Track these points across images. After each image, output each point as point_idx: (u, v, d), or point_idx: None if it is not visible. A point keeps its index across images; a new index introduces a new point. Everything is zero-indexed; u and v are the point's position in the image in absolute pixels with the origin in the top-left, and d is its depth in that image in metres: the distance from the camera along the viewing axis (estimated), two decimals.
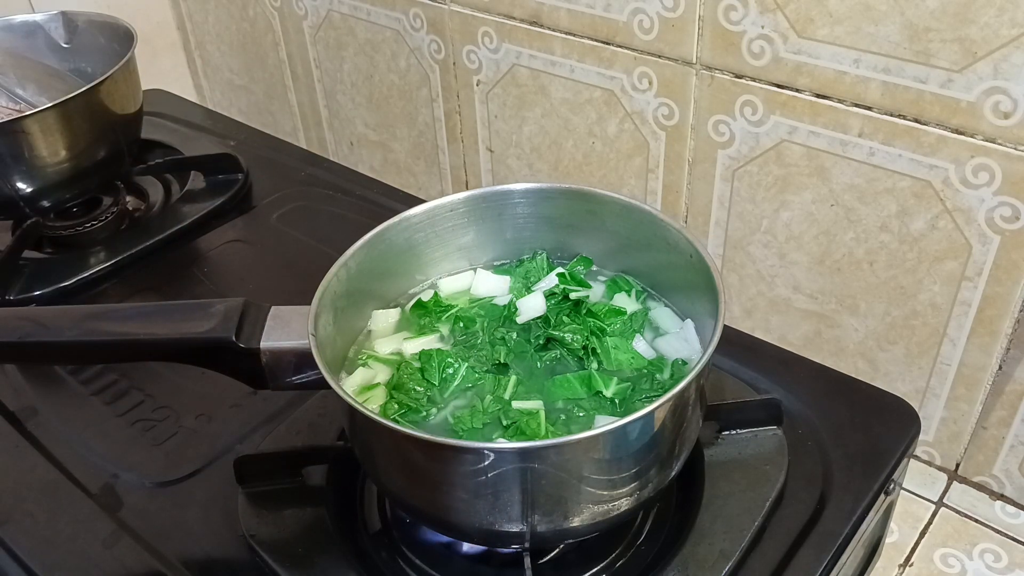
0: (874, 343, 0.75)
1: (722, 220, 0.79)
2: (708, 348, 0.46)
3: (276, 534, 0.55)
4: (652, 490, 0.50)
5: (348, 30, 1.02)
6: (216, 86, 1.31)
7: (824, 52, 0.65)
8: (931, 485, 0.76)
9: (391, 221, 0.58)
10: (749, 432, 0.59)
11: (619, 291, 0.60)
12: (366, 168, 1.13)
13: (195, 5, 1.23)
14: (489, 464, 0.44)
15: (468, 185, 1.02)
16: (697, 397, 0.50)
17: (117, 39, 0.90)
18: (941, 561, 0.70)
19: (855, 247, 0.72)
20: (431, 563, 0.55)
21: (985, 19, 0.58)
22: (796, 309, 0.79)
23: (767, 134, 0.72)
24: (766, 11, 0.67)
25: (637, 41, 0.76)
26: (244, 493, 0.57)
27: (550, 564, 0.54)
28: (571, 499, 0.47)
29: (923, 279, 0.69)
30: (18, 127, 0.78)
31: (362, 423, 0.48)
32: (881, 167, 0.67)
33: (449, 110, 0.97)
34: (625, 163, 0.84)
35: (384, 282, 0.60)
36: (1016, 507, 0.74)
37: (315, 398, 0.63)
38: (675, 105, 0.76)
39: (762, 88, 0.70)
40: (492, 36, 0.87)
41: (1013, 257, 0.64)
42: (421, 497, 0.51)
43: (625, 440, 0.46)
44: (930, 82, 0.62)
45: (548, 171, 0.91)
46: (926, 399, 0.74)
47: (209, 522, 0.58)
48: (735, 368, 0.64)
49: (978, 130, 0.61)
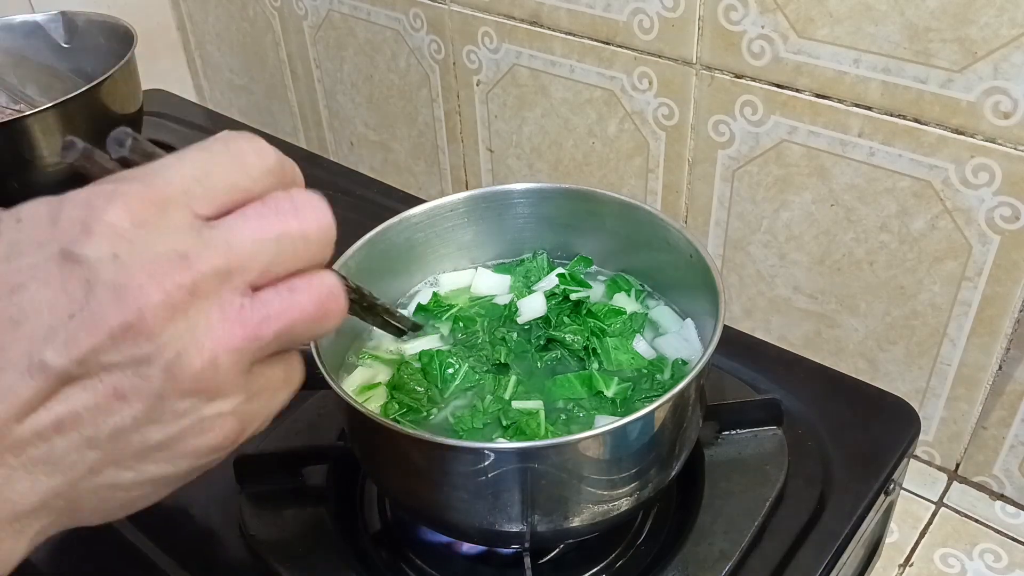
0: (874, 343, 0.75)
1: (722, 220, 0.79)
2: (708, 348, 0.46)
3: (276, 534, 0.55)
4: (652, 490, 0.50)
5: (348, 30, 1.02)
6: (216, 86, 1.31)
7: (824, 52, 0.65)
8: (931, 485, 0.76)
9: (391, 221, 0.58)
10: (749, 432, 0.59)
11: (619, 291, 0.60)
12: (366, 168, 1.13)
13: (195, 5, 1.23)
14: (489, 464, 0.44)
15: (468, 185, 1.02)
16: (697, 397, 0.50)
17: (117, 39, 0.90)
18: (941, 561, 0.70)
19: (855, 247, 0.72)
20: (431, 563, 0.55)
21: (985, 19, 0.58)
22: (796, 309, 0.79)
23: (767, 134, 0.72)
24: (766, 11, 0.67)
25: (637, 41, 0.76)
26: (244, 493, 0.57)
27: (550, 564, 0.54)
28: (571, 499, 0.47)
29: (923, 279, 0.69)
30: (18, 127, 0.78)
31: (362, 423, 0.48)
32: (881, 167, 0.67)
33: (449, 110, 0.97)
34: (625, 163, 0.84)
35: (384, 282, 0.60)
36: (1016, 507, 0.74)
37: (315, 398, 0.63)
38: (675, 105, 0.76)
39: (762, 88, 0.70)
40: (492, 36, 0.87)
41: (1013, 257, 0.64)
42: (421, 497, 0.51)
43: (625, 440, 0.46)
44: (930, 82, 0.62)
45: (548, 171, 0.91)
46: (926, 399, 0.74)
47: (209, 522, 0.58)
48: (735, 368, 0.64)
49: (978, 130, 0.61)
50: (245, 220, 0.31)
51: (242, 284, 0.30)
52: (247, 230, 0.30)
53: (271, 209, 0.31)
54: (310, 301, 0.32)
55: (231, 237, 0.30)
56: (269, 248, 0.30)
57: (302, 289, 0.31)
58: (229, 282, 0.29)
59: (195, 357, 0.29)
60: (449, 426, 0.51)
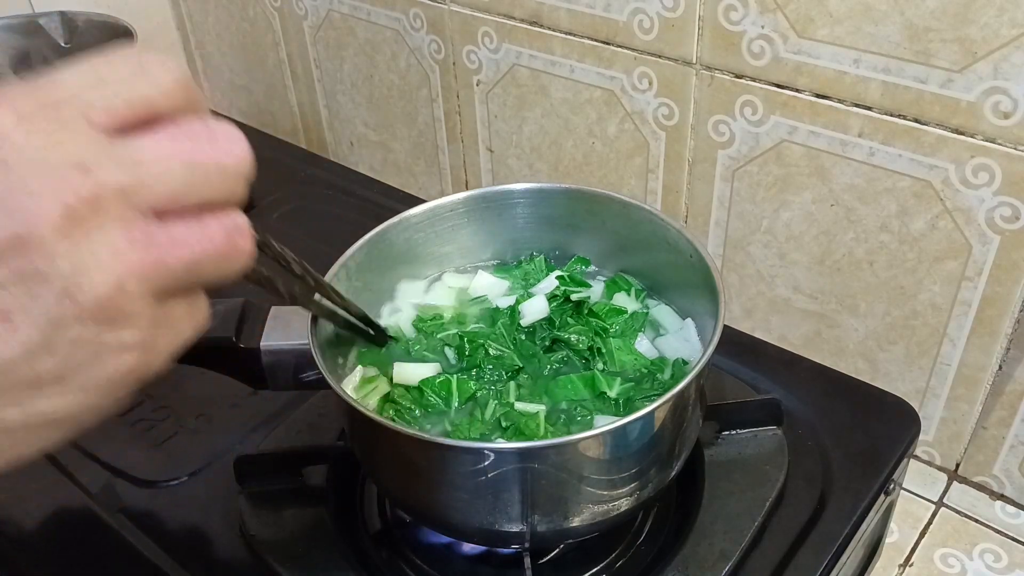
0: (874, 343, 0.75)
1: (722, 220, 0.79)
2: (708, 348, 0.46)
3: (276, 534, 0.55)
4: (652, 490, 0.50)
5: (348, 30, 1.02)
6: (216, 86, 1.31)
7: (824, 52, 0.65)
8: (931, 485, 0.76)
9: (391, 221, 0.58)
10: (749, 432, 0.59)
11: (619, 290, 0.60)
12: (366, 168, 1.13)
13: (195, 5, 1.23)
14: (489, 464, 0.44)
15: (468, 185, 1.02)
16: (697, 397, 0.50)
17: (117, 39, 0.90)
18: (941, 561, 0.70)
19: (855, 247, 0.72)
20: (431, 563, 0.55)
21: (985, 19, 0.58)
22: (796, 309, 0.79)
23: (767, 134, 0.72)
24: (766, 11, 0.67)
25: (637, 41, 0.76)
26: (244, 493, 0.57)
27: (550, 564, 0.54)
28: (571, 499, 0.47)
29: (923, 279, 0.69)
30: None
31: (362, 423, 0.48)
32: (881, 167, 0.67)
33: (449, 110, 0.97)
34: (625, 163, 0.84)
35: (384, 282, 0.60)
36: (1016, 507, 0.74)
37: (315, 398, 0.63)
38: (675, 105, 0.76)
39: (762, 88, 0.70)
40: (492, 36, 0.87)
41: (1013, 257, 0.64)
42: (421, 497, 0.51)
43: (625, 440, 0.46)
44: (930, 82, 0.62)
45: (548, 171, 0.91)
46: (926, 399, 0.74)
47: (209, 522, 0.58)
48: (735, 368, 0.64)
49: (978, 130, 0.61)
50: (155, 139, 0.28)
51: (147, 207, 0.27)
52: (157, 150, 0.27)
53: (184, 132, 0.28)
54: (219, 236, 0.29)
55: (137, 155, 0.27)
56: (180, 173, 0.28)
57: (211, 224, 0.29)
58: (134, 202, 0.27)
59: (97, 279, 0.25)
60: (447, 435, 0.51)
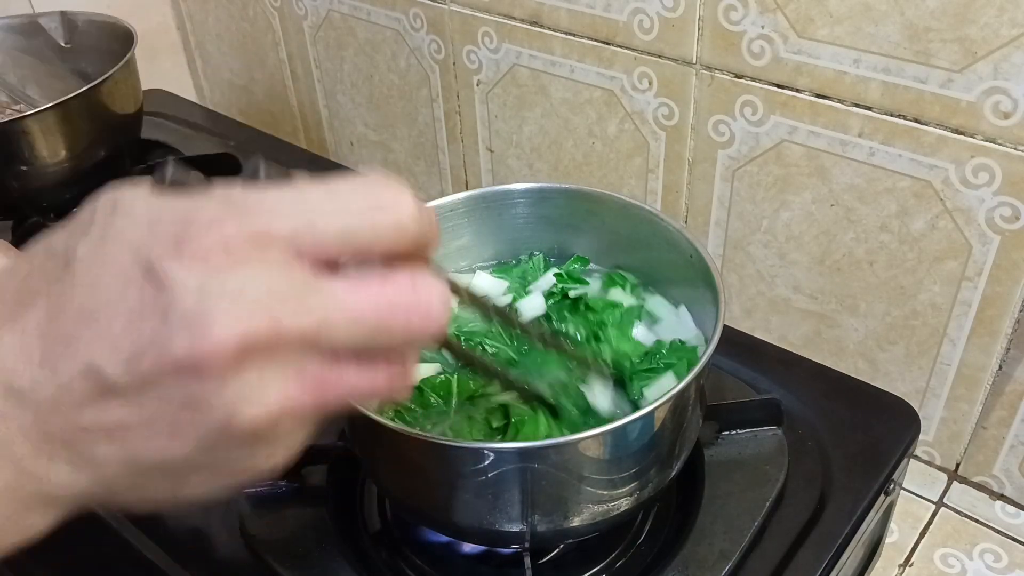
0: (874, 343, 0.75)
1: (722, 220, 0.79)
2: (708, 348, 0.46)
3: (276, 534, 0.55)
4: (652, 490, 0.50)
5: (348, 30, 1.02)
6: (216, 86, 1.31)
7: (824, 52, 0.65)
8: (931, 485, 0.76)
9: None
10: (749, 432, 0.59)
11: (614, 286, 0.60)
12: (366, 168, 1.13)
13: (195, 5, 1.23)
14: (489, 464, 0.44)
15: (468, 185, 1.02)
16: (697, 397, 0.50)
17: (117, 39, 0.90)
18: (941, 561, 0.70)
19: (855, 247, 0.72)
20: (431, 563, 0.55)
21: (985, 19, 0.58)
22: (796, 309, 0.79)
23: (767, 134, 0.72)
24: (766, 11, 0.67)
25: (637, 41, 0.76)
26: (244, 493, 0.57)
27: (550, 564, 0.54)
28: (571, 499, 0.47)
29: (923, 279, 0.69)
30: (18, 127, 0.78)
31: (362, 423, 0.48)
32: (881, 167, 0.67)
33: (449, 110, 0.97)
34: (625, 163, 0.84)
35: None
36: (1016, 507, 0.74)
37: None
38: (675, 105, 0.76)
39: (762, 88, 0.70)
40: (492, 36, 0.87)
41: (1013, 257, 0.64)
42: (421, 497, 0.51)
43: (625, 440, 0.46)
44: (930, 82, 0.62)
45: (548, 171, 0.91)
46: (926, 399, 0.74)
47: (209, 522, 0.58)
48: (735, 368, 0.64)
49: (978, 130, 0.61)
50: (355, 292, 0.28)
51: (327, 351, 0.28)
52: (352, 304, 0.28)
53: (390, 288, 0.28)
54: (383, 381, 0.30)
55: (331, 303, 0.28)
56: (369, 329, 0.28)
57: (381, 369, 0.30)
58: (312, 349, 0.28)
59: (257, 412, 0.27)
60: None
